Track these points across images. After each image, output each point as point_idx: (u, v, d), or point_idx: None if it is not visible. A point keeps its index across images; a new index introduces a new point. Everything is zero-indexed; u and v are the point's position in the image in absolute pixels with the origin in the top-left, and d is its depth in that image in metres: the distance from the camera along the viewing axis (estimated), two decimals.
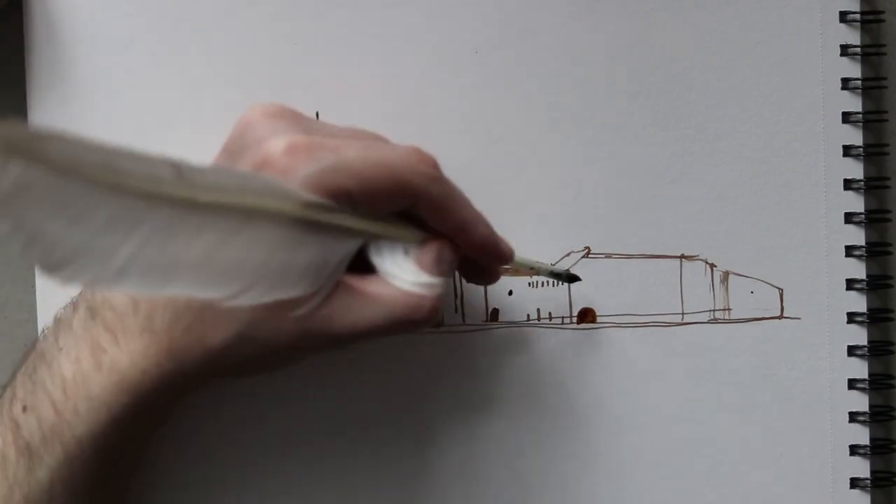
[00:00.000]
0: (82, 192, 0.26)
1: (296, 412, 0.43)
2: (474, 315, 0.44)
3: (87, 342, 0.35)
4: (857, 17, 0.44)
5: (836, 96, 0.45)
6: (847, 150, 0.45)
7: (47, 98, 0.42)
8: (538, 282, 0.44)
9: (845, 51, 0.44)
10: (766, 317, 0.45)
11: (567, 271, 0.43)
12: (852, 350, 0.45)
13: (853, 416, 0.45)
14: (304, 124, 0.35)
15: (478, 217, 0.37)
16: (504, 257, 0.38)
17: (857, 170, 0.45)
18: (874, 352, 0.45)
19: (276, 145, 0.33)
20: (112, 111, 0.42)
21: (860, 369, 0.45)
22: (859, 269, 0.45)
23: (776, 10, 0.44)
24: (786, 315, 0.45)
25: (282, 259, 0.32)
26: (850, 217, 0.45)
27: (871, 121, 0.45)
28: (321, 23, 0.43)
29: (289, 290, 0.33)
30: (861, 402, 0.45)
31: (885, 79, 0.45)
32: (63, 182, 0.26)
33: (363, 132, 0.37)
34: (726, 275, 0.45)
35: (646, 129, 0.44)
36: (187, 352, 0.35)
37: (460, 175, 0.37)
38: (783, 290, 0.45)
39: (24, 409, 0.35)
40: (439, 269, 0.36)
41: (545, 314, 0.44)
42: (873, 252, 0.45)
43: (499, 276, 0.41)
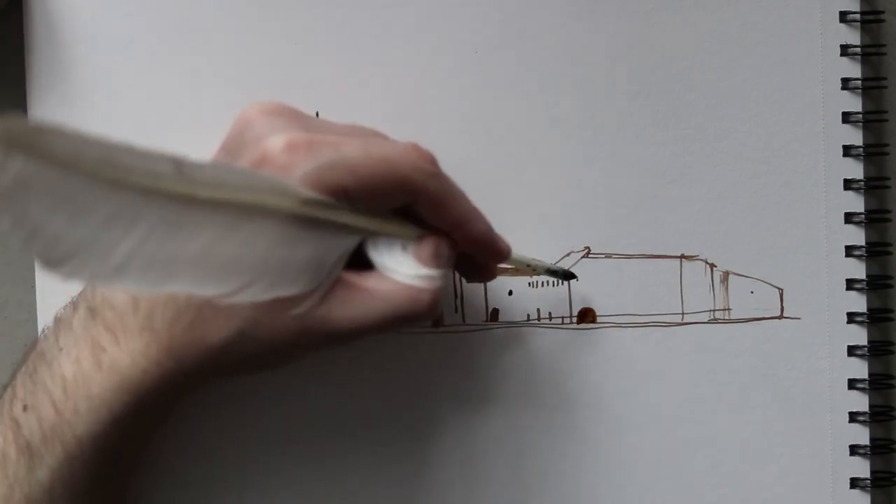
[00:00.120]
0: (82, 187, 0.26)
1: (296, 411, 0.43)
2: (474, 315, 0.44)
3: (88, 342, 0.35)
4: (857, 17, 0.44)
5: (836, 96, 0.45)
6: (847, 150, 0.45)
7: (47, 98, 0.42)
8: (538, 282, 0.44)
9: (845, 51, 0.44)
10: (766, 317, 0.45)
11: (564, 269, 0.43)
12: (852, 350, 0.45)
13: (853, 416, 0.45)
14: (303, 122, 0.36)
15: (476, 213, 0.37)
16: (501, 254, 0.38)
17: (857, 170, 0.45)
18: (874, 352, 0.45)
19: (275, 142, 0.33)
20: (112, 111, 0.42)
21: (860, 369, 0.45)
22: (859, 269, 0.45)
23: (776, 10, 0.44)
24: (786, 315, 0.45)
25: (281, 255, 0.32)
26: (850, 217, 0.45)
27: (871, 121, 0.45)
28: (321, 23, 0.43)
29: (288, 286, 0.33)
30: (861, 402, 0.45)
31: (885, 79, 0.45)
32: (63, 177, 0.26)
33: (362, 129, 0.37)
34: (726, 275, 0.45)
35: (646, 129, 0.44)
36: (187, 350, 0.35)
37: (460, 175, 0.37)
38: (783, 290, 0.45)
39: (25, 408, 0.35)
40: (437, 262, 0.36)
41: (545, 314, 0.44)
42: (873, 252, 0.45)
43: (496, 273, 0.41)
